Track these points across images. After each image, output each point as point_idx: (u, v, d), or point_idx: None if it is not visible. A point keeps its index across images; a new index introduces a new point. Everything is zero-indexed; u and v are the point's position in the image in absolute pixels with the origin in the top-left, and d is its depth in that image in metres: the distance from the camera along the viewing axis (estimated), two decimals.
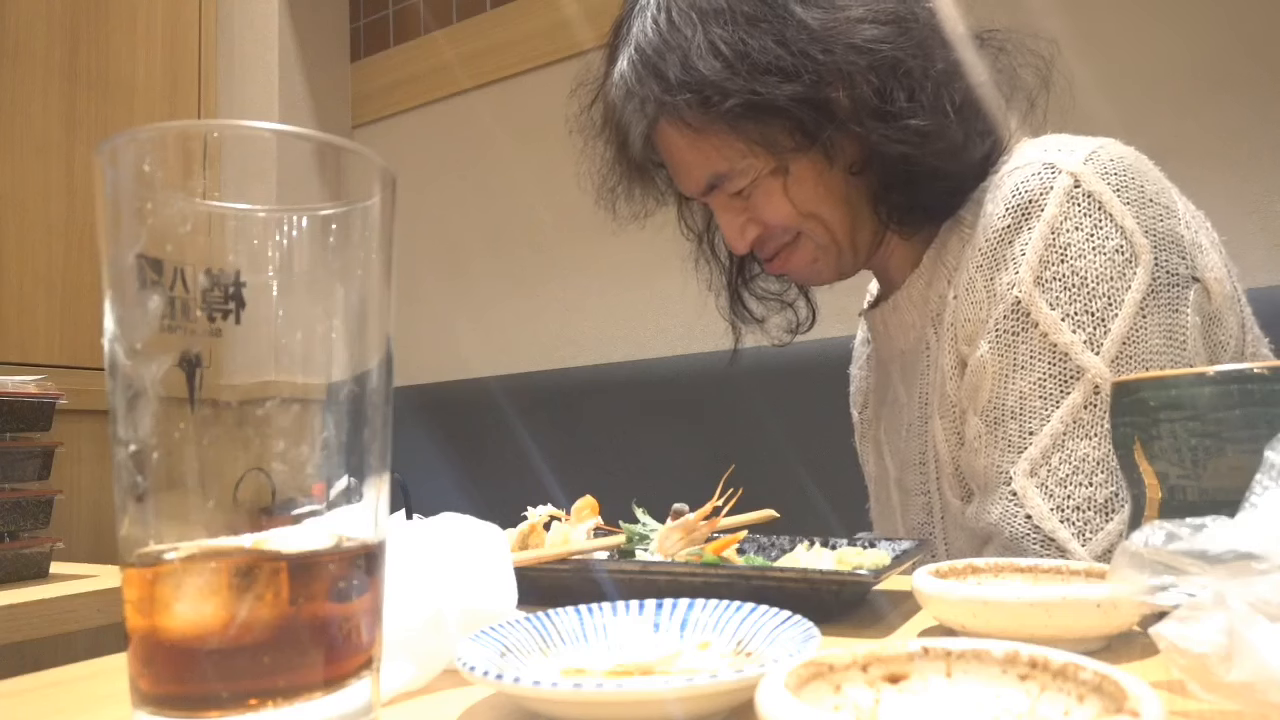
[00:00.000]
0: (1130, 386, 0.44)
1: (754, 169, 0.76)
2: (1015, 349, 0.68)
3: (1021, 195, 0.69)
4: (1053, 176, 0.68)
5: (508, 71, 1.96)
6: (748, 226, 0.80)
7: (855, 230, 0.80)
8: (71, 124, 1.86)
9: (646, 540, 0.66)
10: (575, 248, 1.86)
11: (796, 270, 0.83)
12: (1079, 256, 0.67)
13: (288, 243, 0.31)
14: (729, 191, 0.78)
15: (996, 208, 0.70)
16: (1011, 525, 0.67)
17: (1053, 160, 0.69)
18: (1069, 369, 0.66)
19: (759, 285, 0.95)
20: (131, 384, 0.29)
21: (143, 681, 0.29)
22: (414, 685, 0.41)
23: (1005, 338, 0.69)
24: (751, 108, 0.71)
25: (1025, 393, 0.68)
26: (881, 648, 0.30)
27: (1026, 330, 0.68)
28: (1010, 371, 0.68)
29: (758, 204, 0.78)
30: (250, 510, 0.29)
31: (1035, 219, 0.68)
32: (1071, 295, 0.66)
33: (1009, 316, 0.68)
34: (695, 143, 0.76)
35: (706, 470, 0.70)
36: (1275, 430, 0.34)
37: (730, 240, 0.82)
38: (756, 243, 0.81)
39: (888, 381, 0.90)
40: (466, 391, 1.81)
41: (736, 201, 0.79)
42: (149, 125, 0.29)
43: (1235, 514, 0.32)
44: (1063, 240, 0.67)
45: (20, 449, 0.89)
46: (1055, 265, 0.67)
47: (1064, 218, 0.67)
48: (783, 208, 0.77)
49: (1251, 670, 0.28)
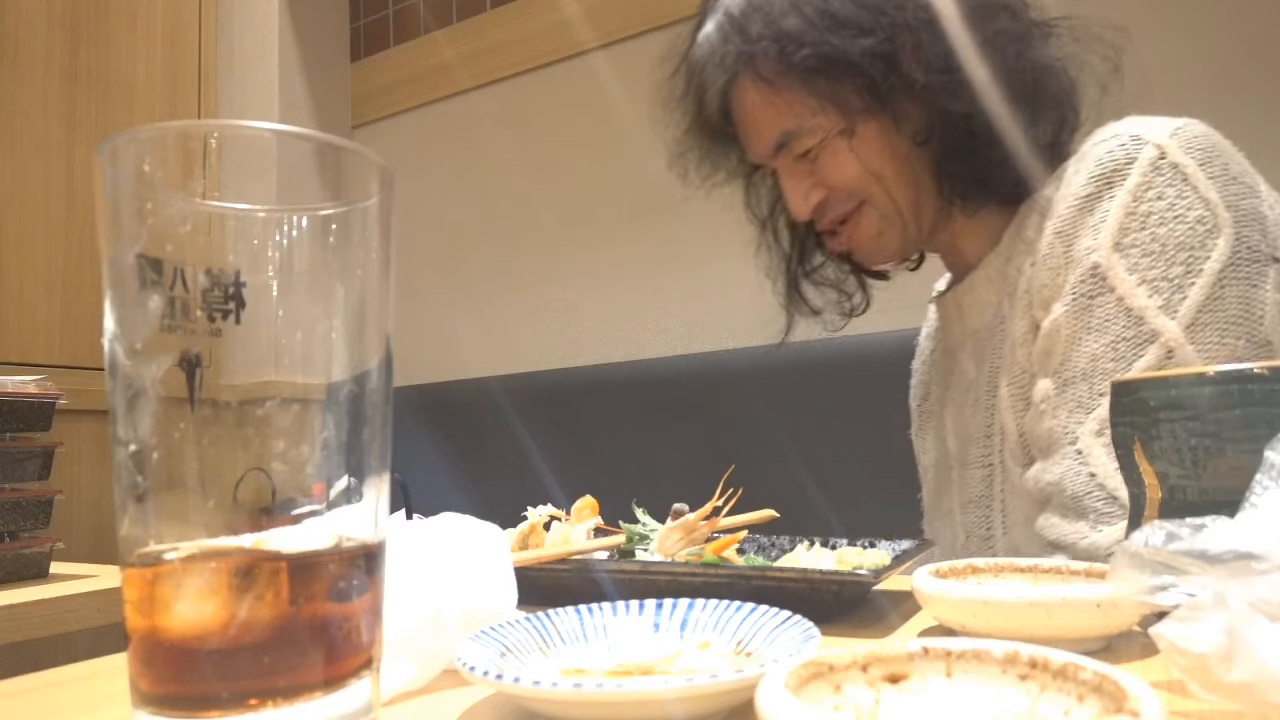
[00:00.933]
0: (1130, 386, 0.44)
1: (822, 128, 0.78)
2: (1090, 312, 0.68)
3: (1105, 164, 0.69)
4: (1138, 147, 0.69)
5: (508, 71, 1.96)
6: (812, 191, 0.81)
7: (919, 202, 0.81)
8: (71, 124, 1.86)
9: (646, 540, 0.66)
10: (575, 248, 1.86)
11: (860, 244, 0.84)
12: (1160, 224, 0.67)
13: (288, 243, 0.31)
14: (796, 152, 0.80)
15: (1079, 176, 0.71)
16: (1074, 483, 0.67)
17: (1138, 132, 0.70)
18: (1143, 332, 0.66)
19: (819, 273, 0.96)
20: (131, 384, 0.29)
21: (143, 681, 0.29)
22: (414, 685, 0.41)
23: (1080, 301, 0.69)
24: (825, 60, 0.74)
25: (1097, 354, 0.68)
26: (881, 648, 0.30)
27: (1103, 294, 0.68)
28: (1083, 334, 0.69)
29: (824, 165, 0.80)
30: (250, 510, 0.29)
31: (1117, 187, 0.68)
32: (1151, 261, 0.66)
33: (1085, 280, 0.68)
34: (769, 98, 0.79)
35: (706, 470, 0.70)
36: (1275, 430, 0.34)
37: (794, 204, 0.83)
38: (819, 209, 0.82)
39: (954, 365, 0.90)
40: (466, 391, 1.81)
41: (803, 165, 0.81)
42: (149, 125, 0.29)
43: (1235, 514, 0.32)
44: (1144, 208, 0.67)
45: (20, 449, 0.89)
46: (1135, 232, 0.67)
47: (1147, 186, 0.67)
48: (849, 168, 0.79)
49: (1251, 670, 0.28)
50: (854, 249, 0.85)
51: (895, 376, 1.11)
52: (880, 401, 1.31)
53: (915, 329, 1.26)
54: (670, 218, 1.72)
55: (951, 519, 0.89)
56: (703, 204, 0.97)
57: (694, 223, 1.68)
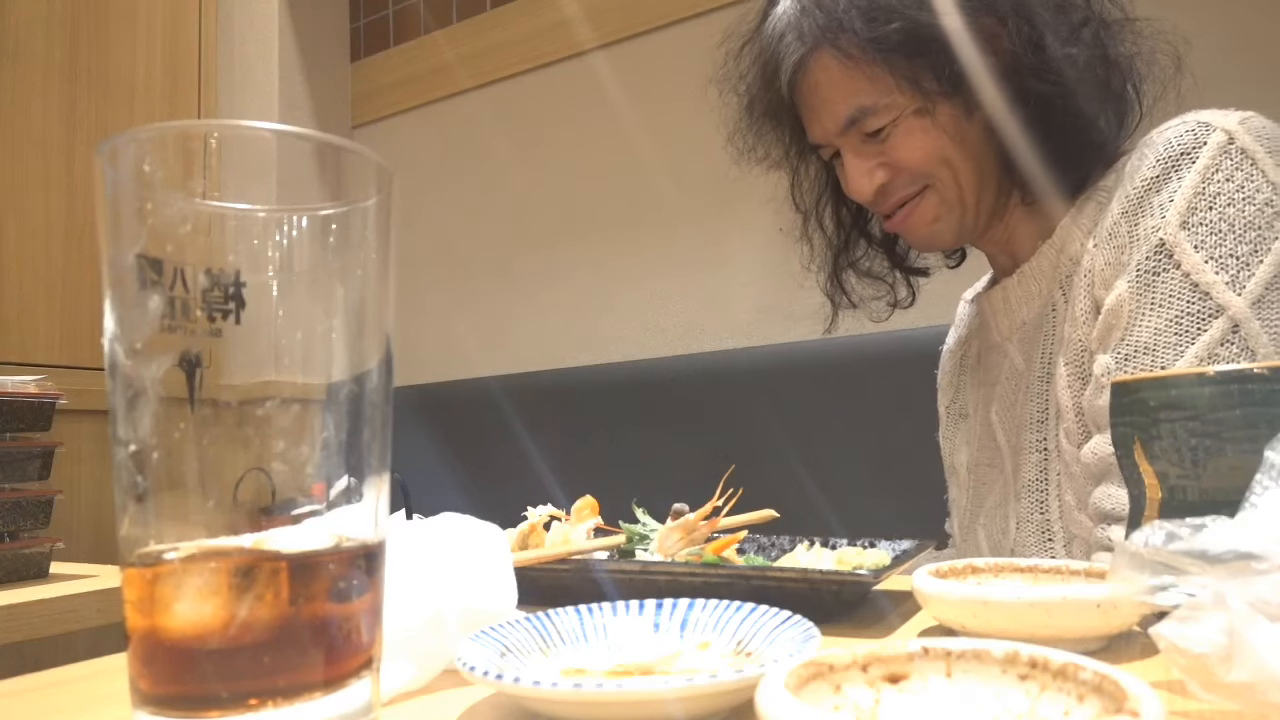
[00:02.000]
0: (1130, 386, 0.44)
1: (899, 106, 0.78)
2: (1154, 288, 0.69)
3: (1174, 148, 0.70)
4: (1207, 132, 0.70)
5: (508, 71, 1.96)
6: (877, 170, 0.82)
7: (981, 189, 0.81)
8: (71, 124, 1.86)
9: (646, 540, 0.66)
10: (575, 247, 1.86)
11: (916, 228, 0.84)
12: (1229, 204, 0.67)
13: (288, 243, 0.31)
14: (867, 130, 0.80)
15: (1145, 161, 0.72)
16: None
17: (1207, 119, 0.71)
18: (1208, 307, 0.66)
19: (862, 264, 0.97)
20: (131, 384, 0.29)
21: (143, 681, 0.29)
22: (414, 685, 0.41)
23: (1145, 277, 0.69)
24: (911, 36, 0.74)
25: (1160, 329, 0.68)
26: (881, 648, 0.30)
27: (1168, 270, 0.68)
28: (1146, 309, 0.69)
29: (895, 144, 0.80)
30: (250, 510, 0.29)
31: (1186, 169, 0.69)
32: (1218, 239, 0.67)
33: (1150, 257, 0.69)
34: (847, 72, 0.79)
35: (706, 470, 0.70)
36: (1275, 430, 0.34)
37: (856, 183, 0.83)
38: (881, 192, 0.82)
39: (1002, 361, 0.90)
40: (466, 391, 1.81)
41: (870, 145, 0.81)
42: (149, 125, 0.29)
43: (1235, 514, 0.32)
44: (1213, 189, 0.68)
45: (20, 449, 0.88)
46: (1203, 211, 0.68)
47: (1215, 169, 0.68)
48: (920, 149, 0.79)
49: (1251, 670, 0.28)
50: (908, 232, 0.85)
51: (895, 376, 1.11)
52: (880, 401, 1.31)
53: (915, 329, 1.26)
54: (670, 218, 1.72)
55: (1002, 511, 0.88)
56: (703, 204, 0.96)
57: (694, 223, 1.68)
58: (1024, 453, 0.85)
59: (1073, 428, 0.77)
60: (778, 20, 0.82)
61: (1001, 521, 0.88)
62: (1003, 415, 0.89)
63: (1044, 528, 0.82)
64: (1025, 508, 0.84)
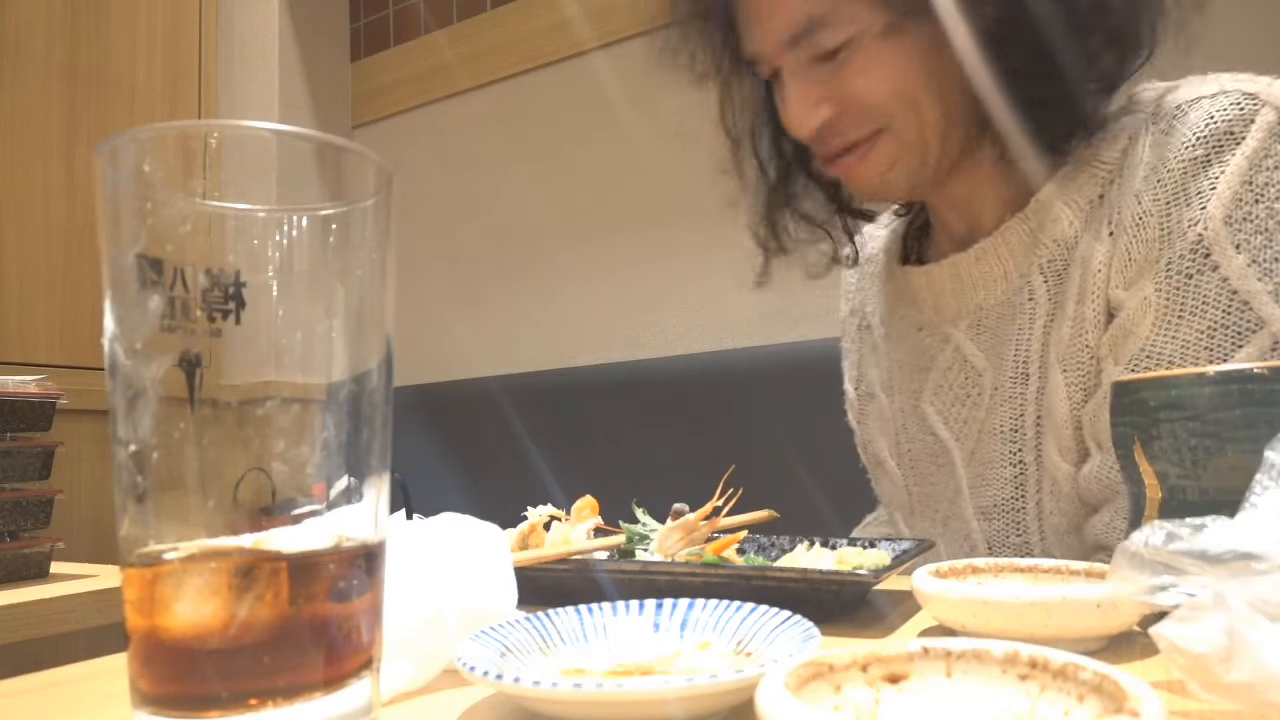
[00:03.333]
0: (1130, 386, 0.44)
1: (860, 20, 0.64)
2: (1186, 292, 0.60)
3: (1217, 124, 0.60)
4: (1255, 108, 0.59)
5: (508, 71, 1.96)
6: (823, 104, 0.67)
7: (947, 134, 0.67)
8: (71, 124, 1.86)
9: (646, 540, 0.66)
10: (575, 248, 1.86)
11: (865, 178, 0.70)
12: (1278, 198, 0.58)
13: (288, 243, 0.31)
14: (817, 48, 0.66)
15: (1181, 136, 0.61)
16: None
17: (1254, 90, 0.60)
18: (1247, 320, 0.58)
19: (799, 205, 0.81)
20: (131, 384, 0.29)
21: (143, 681, 0.29)
22: (414, 685, 0.41)
23: (1176, 279, 0.60)
24: None
25: (1189, 341, 0.60)
26: (881, 648, 0.30)
27: (1204, 273, 0.59)
28: (1176, 317, 0.60)
29: (851, 71, 0.65)
30: (250, 510, 0.29)
31: (1231, 151, 0.59)
32: (1265, 239, 0.58)
33: (1185, 256, 0.60)
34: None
35: (706, 470, 0.70)
36: (1275, 430, 0.34)
37: (795, 116, 0.68)
38: (825, 129, 0.68)
39: (938, 346, 0.79)
40: (466, 391, 1.81)
41: (817, 69, 0.67)
42: (149, 125, 0.29)
43: (1235, 514, 0.32)
44: (1262, 178, 0.59)
45: (21, 449, 0.88)
46: (1249, 205, 0.58)
47: (1265, 154, 0.59)
48: (882, 80, 0.65)
49: (1251, 670, 0.28)
50: (853, 180, 0.72)
51: None
52: None
53: None
54: (670, 218, 1.72)
55: (964, 530, 0.77)
56: (703, 204, 0.95)
57: (694, 223, 1.68)
58: (990, 466, 0.74)
59: (1068, 444, 0.68)
60: None
61: (964, 542, 0.77)
62: (946, 410, 0.78)
63: (1022, 551, 0.73)
64: (998, 529, 0.74)
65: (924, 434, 0.81)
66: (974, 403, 0.76)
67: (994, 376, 0.74)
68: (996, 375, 0.74)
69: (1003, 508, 0.74)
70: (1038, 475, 0.71)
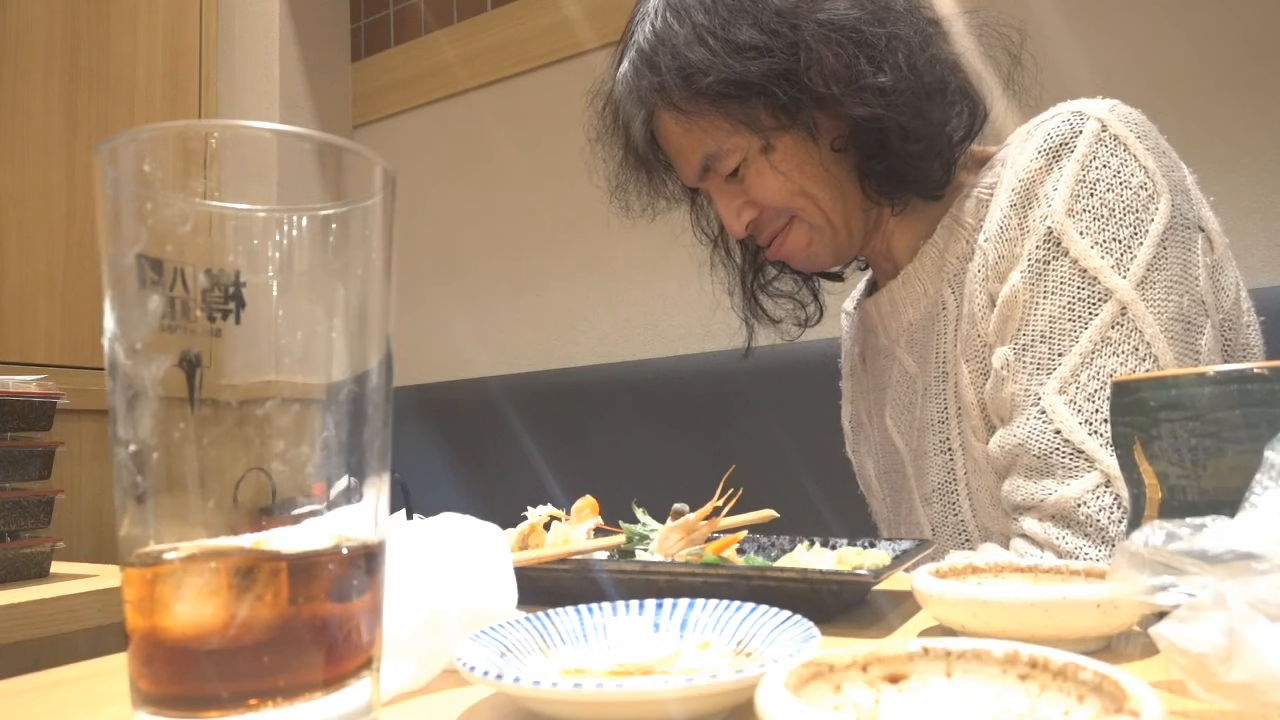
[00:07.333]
0: (1130, 386, 0.44)
1: (741, 148, 0.81)
2: (1046, 276, 0.71)
3: (1053, 140, 0.73)
4: (1081, 121, 0.73)
5: (508, 71, 1.96)
6: (744, 209, 0.85)
7: (847, 210, 0.84)
8: (72, 124, 1.86)
9: (646, 540, 0.66)
10: (575, 248, 1.86)
11: (793, 254, 0.86)
12: (1108, 190, 0.70)
13: (288, 243, 0.31)
14: (722, 174, 0.83)
15: (1028, 153, 0.74)
16: (1040, 440, 0.69)
17: (1080, 109, 0.74)
18: (1098, 291, 0.69)
19: (774, 285, 1.00)
20: (131, 384, 0.29)
21: (143, 681, 0.29)
22: (414, 685, 0.41)
23: (1037, 267, 0.71)
24: (731, 84, 0.77)
25: (1055, 316, 0.70)
26: (881, 648, 0.30)
27: (1058, 258, 0.71)
28: (1041, 298, 0.71)
29: (750, 184, 0.82)
30: (250, 510, 0.29)
31: (1066, 159, 0.72)
32: (1101, 225, 0.70)
33: (1041, 246, 0.71)
34: (687, 127, 0.82)
35: (706, 470, 0.70)
36: (1275, 430, 0.34)
37: (727, 223, 0.86)
38: (753, 226, 0.86)
39: (890, 365, 0.91)
40: (466, 391, 1.81)
41: (731, 185, 0.84)
42: (149, 125, 0.29)
43: (1235, 514, 0.32)
44: (1092, 176, 0.71)
45: (21, 449, 0.89)
46: (1085, 199, 0.71)
47: (1093, 156, 0.71)
48: (773, 184, 0.81)
49: (1251, 670, 0.28)
50: (787, 259, 0.88)
51: None
52: None
53: None
54: (670, 218, 1.72)
55: (913, 519, 0.89)
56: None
57: None
58: (927, 456, 0.86)
59: (979, 425, 0.78)
60: (620, 83, 0.86)
61: (915, 529, 0.89)
62: (898, 419, 0.90)
63: (959, 529, 0.84)
64: (938, 512, 0.85)
65: (888, 447, 0.93)
66: (912, 405, 0.88)
67: (924, 379, 0.87)
68: (925, 378, 0.86)
69: (939, 491, 0.85)
70: (964, 458, 0.82)
